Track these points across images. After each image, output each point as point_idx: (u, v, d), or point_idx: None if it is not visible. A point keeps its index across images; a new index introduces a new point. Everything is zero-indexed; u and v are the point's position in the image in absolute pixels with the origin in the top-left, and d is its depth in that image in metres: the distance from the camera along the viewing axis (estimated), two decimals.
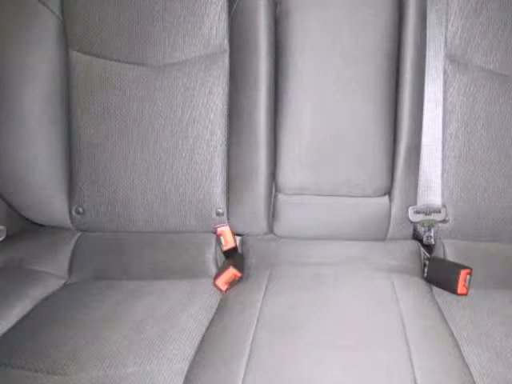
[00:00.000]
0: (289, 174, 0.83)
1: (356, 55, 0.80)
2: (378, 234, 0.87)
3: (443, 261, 0.86)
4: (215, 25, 0.84)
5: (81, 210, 0.88)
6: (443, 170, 0.85)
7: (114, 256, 0.88)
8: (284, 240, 0.88)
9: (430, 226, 0.86)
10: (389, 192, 0.86)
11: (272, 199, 0.86)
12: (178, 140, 0.85)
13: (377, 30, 0.80)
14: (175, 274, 0.85)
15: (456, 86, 0.84)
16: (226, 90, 0.85)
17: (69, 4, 0.85)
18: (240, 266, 0.83)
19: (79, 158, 0.87)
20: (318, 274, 0.79)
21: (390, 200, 0.86)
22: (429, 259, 0.87)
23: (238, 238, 0.89)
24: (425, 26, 0.84)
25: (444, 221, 0.86)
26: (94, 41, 0.85)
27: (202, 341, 0.68)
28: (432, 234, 0.86)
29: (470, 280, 0.81)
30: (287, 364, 0.58)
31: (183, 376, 0.62)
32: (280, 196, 0.85)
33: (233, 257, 0.85)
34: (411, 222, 0.87)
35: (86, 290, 0.82)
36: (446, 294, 0.82)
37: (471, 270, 0.80)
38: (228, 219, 0.87)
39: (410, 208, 0.86)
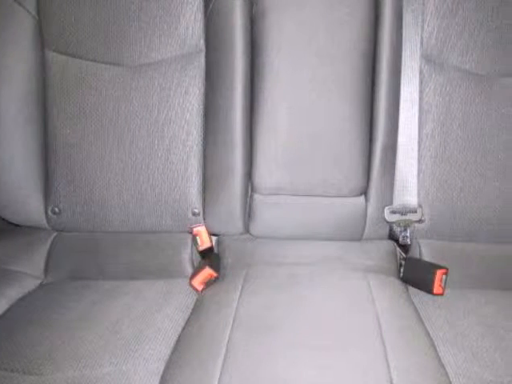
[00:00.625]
0: (265, 174, 0.85)
1: (332, 54, 0.82)
2: (354, 233, 0.89)
3: (419, 261, 0.88)
4: (191, 25, 0.86)
5: (57, 209, 0.90)
6: (419, 170, 0.87)
7: (90, 256, 0.90)
8: (260, 240, 0.90)
9: (406, 225, 0.88)
10: (365, 192, 0.88)
11: (248, 199, 0.88)
12: (153, 140, 0.87)
13: (353, 30, 0.82)
14: (151, 274, 0.87)
15: (432, 86, 0.86)
16: (202, 90, 0.87)
17: (45, 4, 0.87)
18: (216, 266, 0.85)
19: (55, 158, 0.89)
20: (293, 273, 0.81)
21: (366, 200, 0.88)
22: (405, 259, 0.89)
23: (214, 238, 0.91)
24: (401, 26, 0.86)
25: (420, 221, 0.88)
26: (70, 41, 0.87)
27: (178, 341, 0.70)
28: (408, 234, 0.88)
29: (445, 280, 0.83)
30: (263, 364, 0.60)
31: (159, 376, 0.64)
32: (256, 196, 0.87)
33: (209, 257, 0.87)
34: (387, 222, 0.89)
35: (62, 290, 0.84)
36: (422, 293, 0.84)
37: (447, 270, 0.83)
38: (204, 219, 0.89)
39: (386, 208, 0.88)
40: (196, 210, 0.88)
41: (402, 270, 0.88)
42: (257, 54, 0.84)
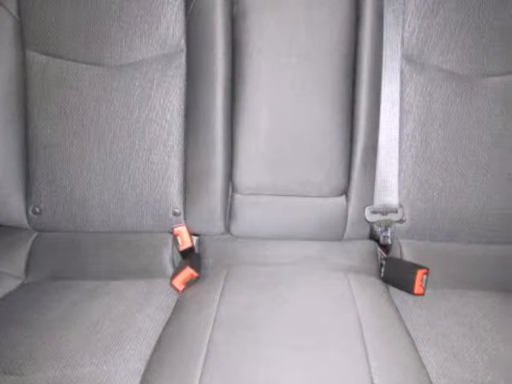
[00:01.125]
0: (246, 174, 0.87)
1: (313, 55, 0.83)
2: (335, 234, 0.91)
3: (400, 261, 0.90)
4: (172, 25, 0.88)
5: (38, 210, 0.91)
6: (400, 170, 0.89)
7: (71, 256, 0.91)
8: (241, 240, 0.92)
9: (387, 225, 0.90)
10: (345, 192, 0.90)
11: (229, 199, 0.90)
12: (134, 140, 0.88)
13: (333, 30, 0.84)
14: (132, 273, 0.89)
15: (413, 86, 0.88)
16: (183, 90, 0.89)
17: (26, 4, 0.88)
18: (197, 266, 0.86)
19: (36, 158, 0.90)
20: (274, 273, 0.82)
21: (347, 200, 0.90)
22: (386, 259, 0.91)
23: (194, 238, 0.92)
24: (381, 26, 0.88)
25: (401, 221, 0.90)
26: (51, 41, 0.89)
27: (159, 341, 0.71)
28: (389, 234, 0.90)
29: (426, 280, 0.84)
30: (244, 364, 0.61)
31: (140, 376, 0.65)
32: (237, 196, 0.88)
33: (190, 257, 0.89)
34: (368, 222, 0.91)
35: (42, 290, 0.85)
36: (402, 294, 0.86)
37: (428, 270, 0.84)
38: (185, 219, 0.90)
39: (367, 208, 0.89)
40: (177, 210, 0.90)
41: (382, 270, 0.90)
42: (238, 54, 0.86)
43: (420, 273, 0.84)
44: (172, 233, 0.90)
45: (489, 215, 0.90)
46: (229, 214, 0.91)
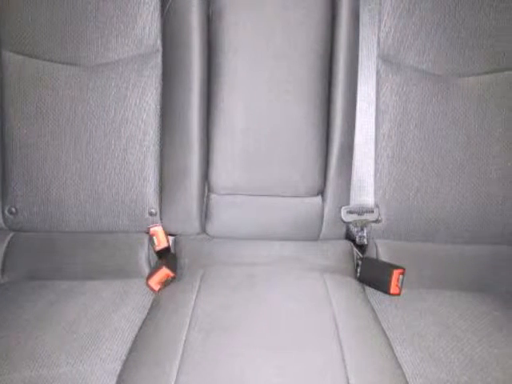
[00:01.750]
0: (222, 174, 0.88)
1: (289, 55, 0.85)
2: (311, 233, 0.93)
3: (376, 261, 0.92)
4: (148, 25, 0.90)
5: (14, 210, 0.93)
6: (376, 170, 0.90)
7: (47, 256, 0.93)
8: (217, 240, 0.93)
9: (363, 225, 0.91)
10: (322, 192, 0.91)
11: (205, 199, 0.92)
12: (110, 140, 0.90)
13: (309, 30, 0.85)
14: (108, 273, 0.91)
15: (389, 86, 0.90)
16: (159, 90, 0.90)
17: (1, 4, 0.90)
18: (173, 266, 0.88)
19: (12, 158, 0.92)
20: (250, 273, 0.84)
21: (323, 200, 0.92)
22: (362, 259, 0.93)
23: (170, 238, 0.94)
24: (358, 26, 0.89)
25: (377, 221, 0.92)
26: (27, 41, 0.90)
27: (135, 341, 0.73)
28: (365, 234, 0.91)
29: (402, 280, 0.86)
30: (220, 364, 0.62)
31: (116, 376, 0.67)
32: (213, 196, 0.90)
33: (166, 257, 0.91)
34: (344, 222, 0.92)
35: (18, 290, 0.87)
36: (378, 294, 0.88)
37: (404, 270, 0.86)
38: (161, 219, 0.92)
39: (343, 208, 0.91)
40: (153, 210, 0.92)
41: (358, 270, 0.92)
42: (214, 54, 0.87)
43: (396, 273, 0.86)
44: (148, 233, 0.91)
45: (465, 215, 0.92)
46: (205, 214, 0.92)
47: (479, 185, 0.92)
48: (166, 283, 0.86)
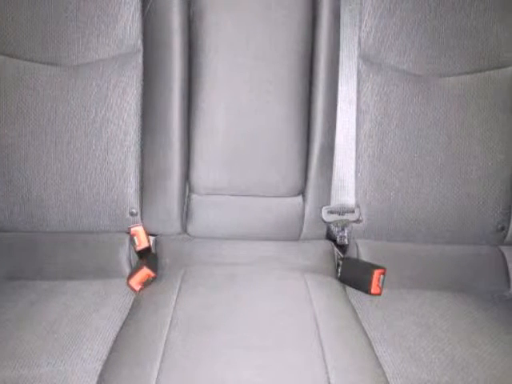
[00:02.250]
0: (202, 174, 0.89)
1: (269, 55, 0.86)
2: (292, 233, 0.94)
3: (357, 261, 0.93)
4: (129, 25, 0.91)
5: None
6: (357, 170, 0.91)
7: (28, 256, 0.94)
8: (198, 240, 0.94)
9: (344, 225, 0.93)
10: (302, 192, 0.93)
11: (186, 199, 0.93)
12: (91, 140, 0.91)
13: (290, 31, 0.87)
14: (89, 273, 0.92)
15: (370, 86, 0.91)
16: (140, 90, 0.91)
17: None
18: (154, 266, 0.89)
19: None
20: (231, 273, 0.85)
21: (304, 200, 0.93)
22: (342, 259, 0.94)
23: (151, 238, 0.95)
24: (338, 26, 0.90)
25: (357, 221, 0.93)
26: (8, 40, 0.91)
27: (116, 341, 0.74)
28: (345, 234, 0.93)
29: (383, 280, 0.88)
30: (201, 364, 0.63)
31: (97, 376, 0.68)
32: (193, 196, 0.91)
33: (146, 257, 0.92)
34: (325, 222, 0.94)
35: None
36: (359, 294, 0.89)
37: (385, 270, 0.88)
38: (142, 219, 0.93)
39: (324, 208, 0.92)
40: (134, 210, 0.93)
41: (339, 270, 0.93)
42: (194, 55, 0.88)
43: (377, 273, 0.88)
44: (129, 233, 0.92)
45: (445, 215, 0.93)
46: (185, 214, 0.93)
47: (460, 185, 0.93)
48: (146, 283, 0.87)
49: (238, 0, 0.87)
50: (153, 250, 0.96)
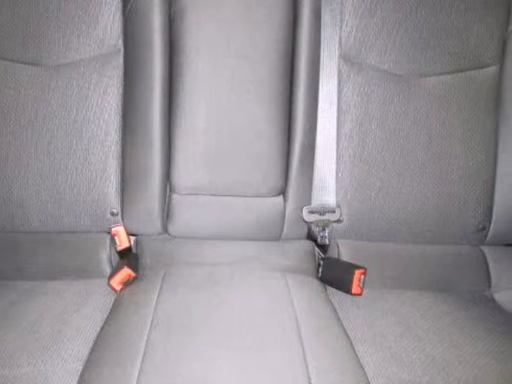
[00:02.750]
0: (183, 174, 0.90)
1: (250, 55, 0.87)
2: (273, 233, 0.95)
3: (338, 261, 0.94)
4: (109, 25, 0.92)
5: None
6: (338, 170, 0.92)
7: (9, 256, 0.95)
8: (178, 240, 0.95)
9: (325, 225, 0.94)
10: (283, 192, 0.94)
11: (166, 199, 0.94)
12: (72, 140, 0.92)
13: (271, 30, 0.88)
14: (70, 274, 0.93)
15: (350, 86, 0.92)
16: (121, 90, 0.92)
17: None
18: (134, 266, 0.90)
19: None
20: (212, 273, 0.86)
21: (285, 200, 0.94)
22: (323, 259, 0.95)
23: (132, 238, 0.96)
24: (319, 26, 0.91)
25: (338, 221, 0.94)
26: None
27: (97, 341, 0.75)
28: (326, 234, 0.94)
29: (364, 280, 0.89)
30: (181, 364, 0.64)
31: (77, 376, 0.68)
32: (174, 196, 0.92)
33: (127, 257, 0.93)
34: (306, 222, 0.95)
35: None
36: (340, 293, 0.90)
37: (365, 270, 0.89)
38: (122, 219, 0.94)
39: (305, 208, 0.93)
40: (114, 210, 0.94)
41: (320, 269, 0.94)
42: (175, 55, 0.89)
43: (357, 273, 0.89)
44: (109, 233, 0.93)
45: (426, 215, 0.94)
46: (166, 214, 0.94)
47: (441, 185, 0.94)
48: (127, 283, 0.88)
49: (219, 0, 0.87)
50: (134, 250, 0.97)
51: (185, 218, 0.94)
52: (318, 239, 0.95)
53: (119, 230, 0.93)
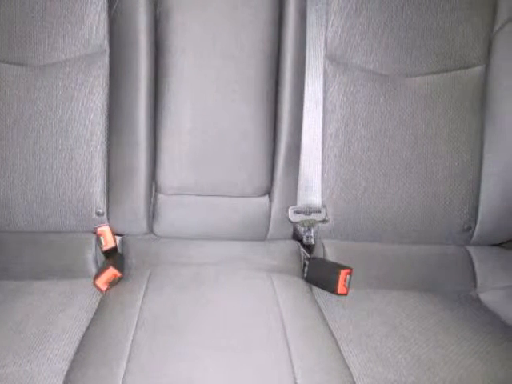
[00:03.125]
0: (169, 174, 0.91)
1: (236, 55, 0.88)
2: (259, 233, 0.96)
3: (323, 261, 0.95)
4: (95, 25, 0.92)
5: None
6: (323, 170, 0.93)
7: None
8: (164, 240, 0.96)
9: (310, 226, 0.94)
10: (269, 192, 0.94)
11: (152, 199, 0.94)
12: (58, 140, 0.93)
13: (257, 30, 0.88)
14: (55, 274, 0.93)
15: (336, 86, 0.93)
16: (106, 90, 0.93)
17: None
18: (120, 266, 0.91)
19: None
20: (198, 273, 0.87)
21: (270, 200, 0.95)
22: (309, 259, 0.95)
23: (118, 238, 0.97)
24: (305, 26, 0.92)
25: (324, 221, 0.94)
26: None
27: (82, 341, 0.75)
28: (312, 234, 0.94)
29: (349, 280, 0.89)
30: (167, 364, 0.65)
31: (63, 376, 0.69)
32: (160, 196, 0.93)
33: (113, 257, 0.93)
34: (291, 222, 0.95)
35: None
36: (326, 294, 0.91)
37: (351, 270, 0.89)
38: (108, 219, 0.95)
39: (290, 208, 0.94)
40: (100, 210, 0.94)
41: (306, 270, 0.95)
42: (161, 55, 0.90)
43: (343, 273, 0.89)
44: (95, 233, 0.94)
45: (412, 215, 0.95)
46: (152, 214, 0.95)
47: (426, 185, 0.95)
48: (113, 283, 0.88)
49: (205, 0, 0.88)
50: (119, 250, 0.98)
51: (170, 218, 0.94)
52: (304, 239, 0.96)
53: (105, 230, 0.93)
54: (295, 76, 0.93)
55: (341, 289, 0.90)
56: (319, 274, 0.94)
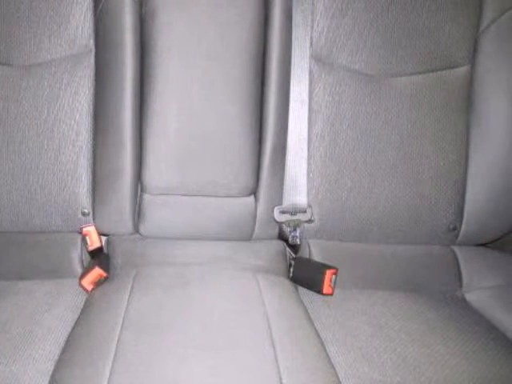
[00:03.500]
0: (154, 174, 0.92)
1: (221, 55, 0.88)
2: (244, 233, 0.96)
3: (309, 261, 0.95)
4: (81, 25, 0.93)
5: None
6: (309, 170, 0.94)
7: None
8: (150, 240, 0.97)
9: (296, 226, 0.95)
10: (254, 192, 0.95)
11: (138, 199, 0.95)
12: (43, 140, 0.93)
13: (242, 30, 0.89)
14: (41, 274, 0.93)
15: (321, 86, 0.94)
16: (92, 90, 0.94)
17: None
18: (106, 266, 0.91)
19: None
20: (183, 273, 0.87)
21: (256, 200, 0.95)
22: (294, 259, 0.96)
23: (103, 238, 0.98)
24: (291, 26, 0.93)
25: (309, 221, 0.95)
26: None
27: (68, 341, 0.76)
28: (298, 234, 0.95)
29: (335, 280, 0.90)
30: (153, 364, 0.65)
31: (49, 376, 0.69)
32: (145, 196, 0.93)
33: (98, 257, 0.94)
34: (277, 222, 0.96)
35: None
36: (311, 294, 0.91)
37: (337, 270, 0.90)
38: (94, 219, 0.95)
39: (276, 208, 0.95)
40: (86, 210, 0.95)
41: (291, 270, 0.95)
42: (147, 55, 0.90)
43: (329, 273, 0.90)
44: (81, 233, 0.94)
45: (397, 215, 0.96)
46: (138, 214, 0.95)
47: (412, 185, 0.96)
48: (98, 283, 0.89)
49: (190, 0, 0.89)
50: (105, 250, 0.99)
51: (156, 218, 0.95)
52: (290, 239, 0.97)
53: (90, 230, 0.94)
54: (281, 76, 0.93)
55: (326, 289, 0.90)
56: (305, 274, 0.94)
